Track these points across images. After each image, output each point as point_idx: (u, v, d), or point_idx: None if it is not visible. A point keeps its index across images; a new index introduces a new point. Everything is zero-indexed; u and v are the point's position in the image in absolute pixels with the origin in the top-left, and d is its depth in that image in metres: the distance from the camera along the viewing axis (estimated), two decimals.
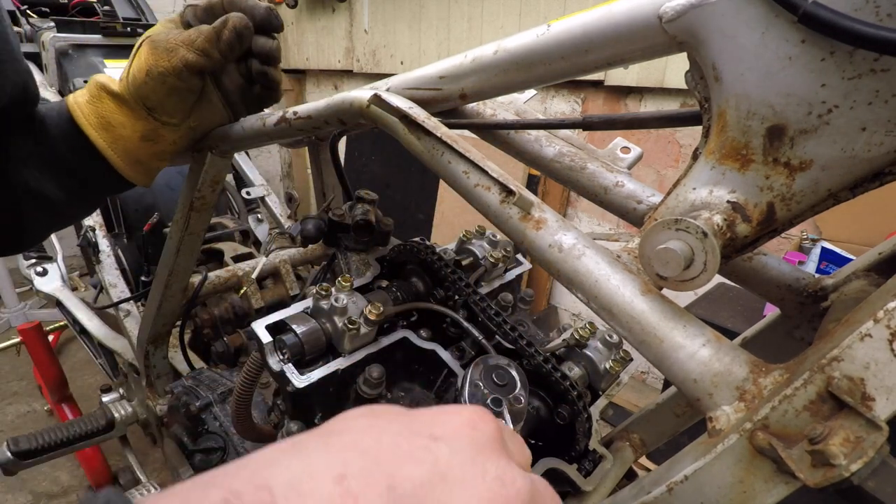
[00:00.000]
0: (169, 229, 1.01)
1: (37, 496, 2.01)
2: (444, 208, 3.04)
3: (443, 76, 0.59)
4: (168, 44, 0.67)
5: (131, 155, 0.74)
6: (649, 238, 0.40)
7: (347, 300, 0.57)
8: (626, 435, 0.69)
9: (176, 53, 0.67)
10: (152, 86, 0.69)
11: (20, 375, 2.69)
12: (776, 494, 0.32)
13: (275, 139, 0.85)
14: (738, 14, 0.37)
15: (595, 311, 0.44)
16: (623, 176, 0.65)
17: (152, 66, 0.67)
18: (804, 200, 0.40)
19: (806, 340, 0.60)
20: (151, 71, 0.68)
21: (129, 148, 0.73)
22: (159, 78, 0.68)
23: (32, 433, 1.31)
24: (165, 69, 0.67)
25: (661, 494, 0.37)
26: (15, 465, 1.26)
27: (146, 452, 2.09)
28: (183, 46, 0.67)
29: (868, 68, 0.34)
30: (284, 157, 4.44)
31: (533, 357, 0.57)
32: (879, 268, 0.54)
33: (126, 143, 0.73)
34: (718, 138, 0.41)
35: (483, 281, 0.76)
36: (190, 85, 0.70)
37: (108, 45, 1.91)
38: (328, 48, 3.67)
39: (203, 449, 0.84)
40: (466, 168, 0.52)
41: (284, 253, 1.50)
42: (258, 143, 0.85)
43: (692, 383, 0.38)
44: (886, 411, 0.30)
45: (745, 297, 1.76)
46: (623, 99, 2.38)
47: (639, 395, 2.33)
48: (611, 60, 0.47)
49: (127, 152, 0.74)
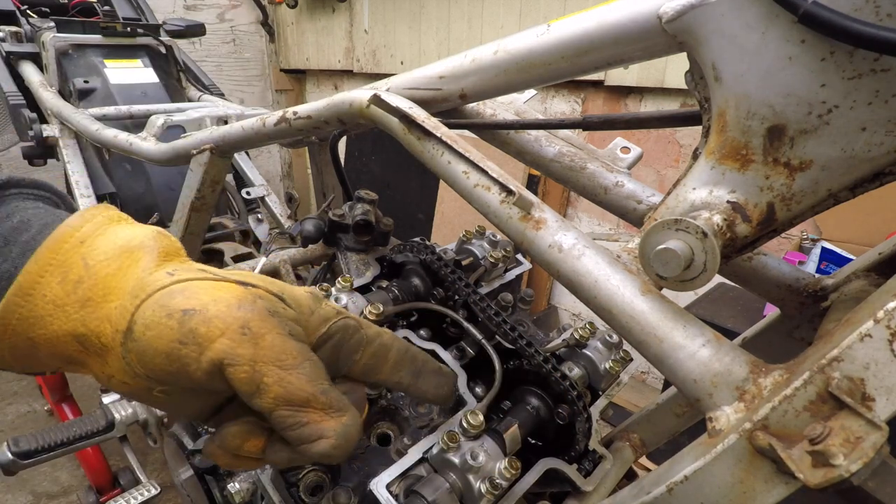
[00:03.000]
0: (169, 229, 1.01)
1: (37, 496, 2.01)
2: (444, 208, 3.04)
3: (443, 76, 0.59)
4: (278, 359, 0.34)
5: (36, 344, 0.35)
6: (649, 238, 0.40)
7: (347, 300, 0.57)
8: (626, 435, 0.69)
9: (268, 390, 0.34)
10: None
11: (20, 375, 2.69)
12: (776, 495, 0.32)
13: (275, 139, 0.85)
14: (738, 14, 0.37)
15: (595, 311, 0.44)
16: (623, 176, 0.65)
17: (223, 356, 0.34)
18: (804, 200, 0.40)
19: (806, 340, 0.60)
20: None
21: (47, 336, 0.35)
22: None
23: (33, 433, 1.31)
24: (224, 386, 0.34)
25: (661, 494, 0.37)
26: (15, 465, 1.26)
27: (146, 452, 2.09)
28: (280, 391, 0.34)
29: (868, 68, 0.34)
30: (284, 157, 4.44)
31: (533, 357, 0.57)
32: (879, 268, 0.54)
33: (48, 329, 0.35)
34: (718, 138, 0.41)
35: (483, 281, 0.76)
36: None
37: (108, 45, 1.91)
38: (328, 48, 3.67)
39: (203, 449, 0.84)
40: (466, 168, 0.52)
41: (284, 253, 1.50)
42: (258, 144, 0.85)
43: (692, 383, 0.38)
44: (886, 411, 0.30)
45: (745, 297, 1.76)
46: (623, 99, 2.38)
47: (639, 395, 2.33)
48: (611, 60, 0.47)
49: (34, 337, 0.35)
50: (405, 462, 0.50)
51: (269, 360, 0.33)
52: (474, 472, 0.48)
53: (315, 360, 0.36)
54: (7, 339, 0.35)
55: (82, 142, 1.71)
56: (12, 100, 1.75)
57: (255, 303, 0.35)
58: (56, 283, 0.34)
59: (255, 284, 0.37)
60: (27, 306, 0.34)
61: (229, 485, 0.62)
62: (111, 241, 0.37)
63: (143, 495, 1.52)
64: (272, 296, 0.37)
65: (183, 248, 0.40)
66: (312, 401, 0.34)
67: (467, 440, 0.50)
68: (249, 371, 0.33)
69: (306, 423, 0.34)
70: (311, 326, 0.39)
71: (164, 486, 1.70)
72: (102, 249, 0.36)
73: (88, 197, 1.62)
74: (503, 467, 0.48)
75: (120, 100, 1.77)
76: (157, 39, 2.00)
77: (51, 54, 1.80)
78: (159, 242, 0.38)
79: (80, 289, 0.35)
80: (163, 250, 0.37)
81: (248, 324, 0.34)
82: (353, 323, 0.41)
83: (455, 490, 0.48)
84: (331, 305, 0.41)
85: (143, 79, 1.91)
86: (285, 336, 0.35)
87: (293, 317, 0.37)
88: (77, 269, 0.35)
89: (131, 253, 0.36)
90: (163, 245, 0.38)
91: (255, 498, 0.69)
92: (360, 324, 0.42)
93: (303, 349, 0.35)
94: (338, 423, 0.35)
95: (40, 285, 0.34)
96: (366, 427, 0.59)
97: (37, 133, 1.67)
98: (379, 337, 0.43)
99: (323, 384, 0.35)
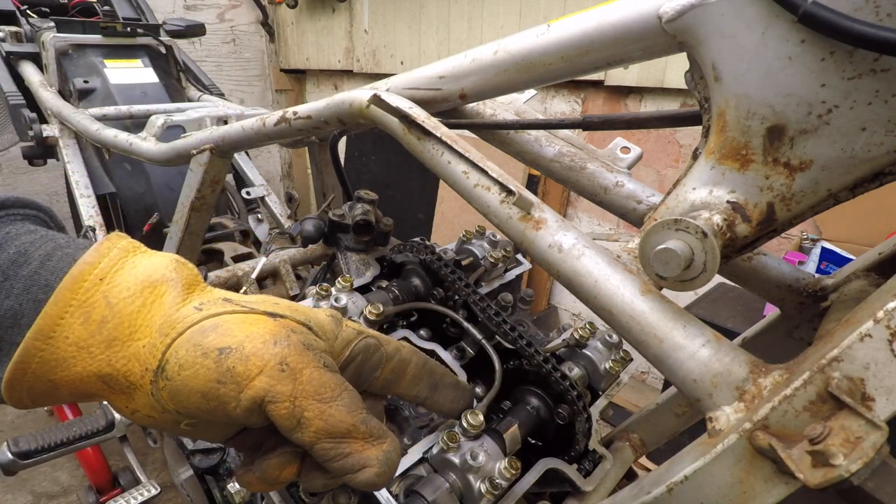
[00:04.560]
0: (169, 229, 1.01)
1: (37, 496, 2.01)
2: (444, 208, 3.04)
3: (443, 76, 0.59)
4: (318, 392, 0.34)
5: (61, 376, 0.34)
6: (649, 238, 0.40)
7: (347, 300, 0.57)
8: (626, 435, 0.69)
9: (309, 424, 0.33)
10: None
11: None
12: (776, 495, 0.32)
13: (275, 139, 0.85)
14: (738, 14, 0.37)
15: (595, 311, 0.44)
16: (623, 176, 0.65)
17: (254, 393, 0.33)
18: (804, 200, 0.40)
19: (806, 340, 0.60)
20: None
21: (70, 378, 0.34)
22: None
23: (32, 433, 1.31)
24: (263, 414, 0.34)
25: (661, 494, 0.37)
26: (15, 465, 1.26)
27: (146, 452, 2.09)
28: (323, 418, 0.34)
29: (868, 68, 0.34)
30: (284, 157, 4.44)
31: (533, 357, 0.57)
32: (879, 268, 0.54)
33: (71, 371, 0.34)
34: (718, 138, 0.41)
35: (483, 281, 0.76)
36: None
37: (108, 45, 1.91)
38: (328, 48, 3.67)
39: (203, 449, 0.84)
40: (466, 168, 0.52)
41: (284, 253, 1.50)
42: (258, 144, 0.85)
43: (692, 383, 0.38)
44: (886, 411, 0.30)
45: (745, 297, 1.76)
46: (623, 99, 2.38)
47: (639, 395, 2.33)
48: (611, 60, 0.47)
49: (56, 371, 0.34)
50: (405, 462, 0.50)
51: (309, 395, 0.33)
52: (474, 472, 0.48)
53: (351, 390, 0.36)
54: (26, 383, 0.34)
55: (82, 142, 1.71)
56: (12, 100, 1.75)
57: (289, 337, 0.35)
58: (78, 325, 0.33)
59: (283, 315, 0.37)
60: (48, 349, 0.33)
61: (229, 485, 0.62)
62: (132, 276, 0.35)
63: (143, 495, 1.52)
64: (302, 326, 0.37)
65: (200, 275, 0.39)
66: (353, 431, 0.34)
67: (467, 440, 0.50)
68: (290, 407, 0.33)
69: (349, 453, 0.34)
70: (336, 351, 0.39)
71: (164, 486, 1.70)
72: (125, 286, 0.35)
73: (88, 197, 1.62)
74: (503, 467, 0.48)
75: (120, 100, 1.77)
76: (157, 39, 2.00)
77: (51, 54, 1.80)
78: (181, 274, 0.37)
79: (105, 329, 0.34)
80: (185, 281, 0.37)
81: (285, 360, 0.33)
82: (373, 342, 0.41)
83: (455, 490, 0.48)
84: (351, 326, 0.41)
85: (143, 79, 1.91)
86: (322, 369, 0.35)
87: (324, 348, 0.37)
88: (100, 308, 0.34)
89: (154, 287, 0.35)
90: (184, 276, 0.37)
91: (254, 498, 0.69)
92: (379, 341, 0.42)
93: (339, 380, 0.35)
94: (379, 450, 0.35)
95: (61, 327, 0.33)
96: None
97: (37, 133, 1.67)
98: (398, 352, 0.43)
99: (362, 413, 0.35)
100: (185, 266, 0.38)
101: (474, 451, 0.49)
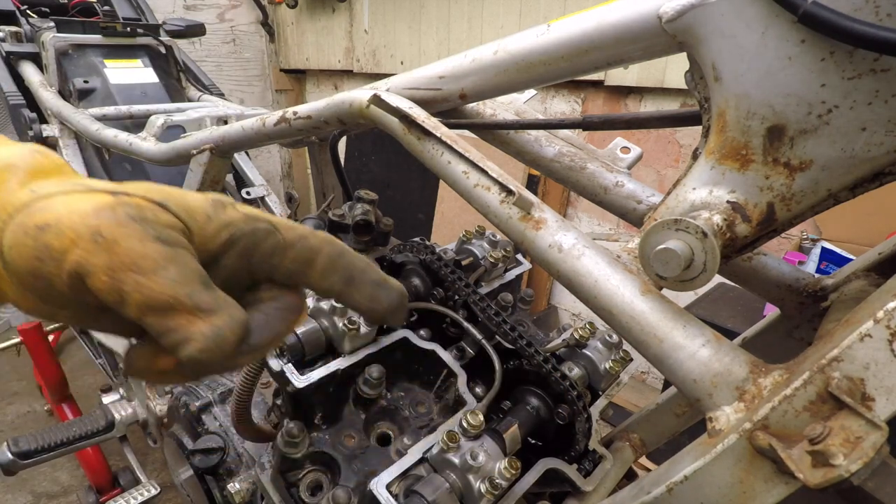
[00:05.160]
0: None
1: (37, 496, 2.01)
2: (444, 208, 3.04)
3: (443, 76, 0.59)
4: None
5: None
6: (649, 238, 0.39)
7: None
8: (626, 435, 0.69)
9: (129, 298, 0.32)
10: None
11: (20, 375, 2.69)
12: (776, 494, 0.32)
13: (275, 139, 0.85)
14: (738, 14, 0.37)
15: (595, 311, 0.44)
16: (623, 176, 0.65)
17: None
18: (804, 200, 0.40)
19: (806, 340, 0.60)
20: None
21: None
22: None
23: (32, 433, 1.31)
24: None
25: (661, 494, 0.37)
26: (15, 465, 1.26)
27: (146, 452, 2.09)
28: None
29: (868, 68, 0.34)
30: (284, 157, 4.44)
31: (533, 357, 0.57)
32: (879, 268, 0.54)
33: None
34: (718, 138, 0.41)
35: (483, 281, 0.76)
36: None
37: (107, 45, 1.91)
38: (328, 48, 3.67)
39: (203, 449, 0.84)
40: (466, 168, 0.52)
41: None
42: (258, 144, 0.85)
43: (692, 383, 0.38)
44: (886, 411, 0.30)
45: (745, 297, 1.76)
46: (623, 99, 2.38)
47: (639, 395, 2.33)
48: (611, 60, 0.47)
49: None
50: (405, 462, 0.50)
51: (126, 267, 0.31)
52: (474, 472, 0.48)
53: (184, 264, 0.33)
54: None
55: (82, 142, 1.71)
56: (12, 100, 1.75)
57: (114, 209, 0.33)
58: None
59: (129, 193, 0.34)
60: None
61: (229, 485, 0.63)
62: None
63: (143, 495, 1.52)
64: (149, 203, 0.34)
65: (68, 166, 0.37)
66: (176, 304, 0.32)
67: (467, 440, 0.50)
68: (108, 280, 0.31)
69: (174, 328, 0.32)
70: (209, 233, 0.36)
71: (164, 486, 1.70)
72: None
73: None
74: (503, 467, 0.48)
75: (120, 100, 1.77)
76: (157, 39, 2.00)
77: (51, 54, 1.80)
78: (28, 161, 0.35)
79: None
80: (33, 169, 0.35)
81: (100, 231, 0.31)
82: (264, 226, 0.38)
83: (455, 490, 0.48)
84: (241, 211, 0.38)
85: (143, 79, 1.91)
86: (147, 241, 0.32)
87: (168, 222, 0.34)
88: None
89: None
90: (32, 163, 0.35)
91: (254, 498, 0.69)
92: (276, 227, 0.39)
93: (167, 252, 0.33)
94: (206, 325, 0.33)
95: None
96: (366, 427, 0.59)
97: (37, 133, 1.67)
98: (303, 240, 0.40)
99: (191, 287, 0.33)
100: (41, 154, 0.37)
101: (474, 451, 0.49)
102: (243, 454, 0.83)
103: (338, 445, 0.56)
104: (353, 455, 0.56)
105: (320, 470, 0.56)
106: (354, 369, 0.57)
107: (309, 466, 0.56)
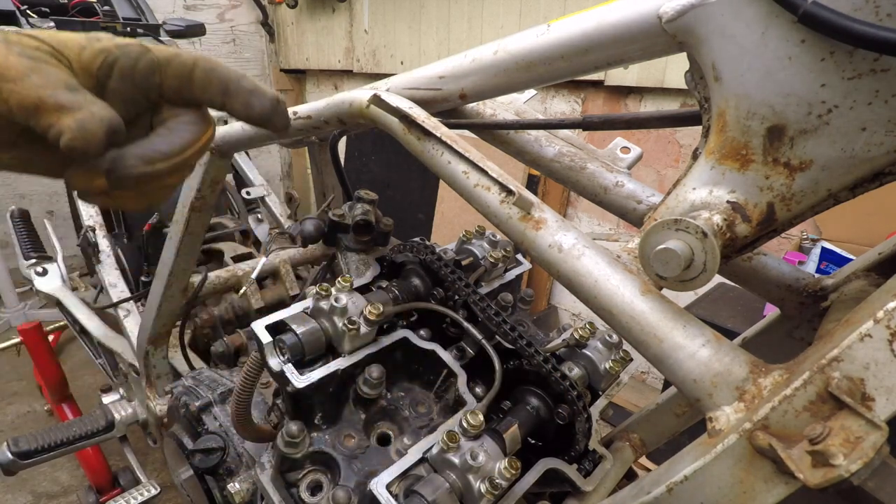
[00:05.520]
0: (169, 229, 1.01)
1: (37, 496, 2.01)
2: (444, 208, 3.04)
3: (443, 76, 0.59)
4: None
5: None
6: (649, 238, 0.40)
7: (347, 300, 0.57)
8: (626, 435, 0.69)
9: (6, 104, 0.38)
10: None
11: (20, 375, 2.69)
12: (776, 494, 0.32)
13: (275, 139, 0.85)
14: (738, 14, 0.37)
15: (595, 311, 0.44)
16: (623, 176, 0.65)
17: None
18: (804, 200, 0.40)
19: (806, 340, 0.60)
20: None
21: None
22: None
23: (32, 433, 1.31)
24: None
25: (661, 494, 0.37)
26: (15, 465, 1.26)
27: (146, 452, 2.08)
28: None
29: (868, 68, 0.34)
30: (284, 157, 4.44)
31: (533, 357, 0.57)
32: (879, 268, 0.54)
33: None
34: (718, 138, 0.41)
35: (483, 281, 0.76)
36: None
37: None
38: (328, 48, 3.67)
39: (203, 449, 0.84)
40: (466, 168, 0.52)
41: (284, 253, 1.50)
42: (258, 143, 0.85)
43: (692, 383, 0.38)
44: (886, 411, 0.30)
45: (745, 297, 1.76)
46: (623, 99, 2.38)
47: (639, 395, 2.33)
48: (611, 60, 0.47)
49: None
50: (405, 462, 0.50)
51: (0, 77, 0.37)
52: (474, 472, 0.48)
53: (47, 73, 0.38)
54: None
55: None
56: None
57: None
58: None
59: (7, 32, 0.40)
60: None
61: (229, 485, 0.63)
62: None
63: (143, 495, 1.52)
64: (25, 37, 0.40)
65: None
66: (40, 104, 0.37)
67: (467, 440, 0.49)
68: None
69: (50, 124, 0.37)
70: (85, 59, 0.41)
71: (164, 486, 1.70)
72: None
73: None
74: (503, 467, 0.48)
75: None
76: (157, 39, 2.00)
77: None
78: None
79: None
80: None
81: None
82: (136, 48, 0.42)
83: (455, 490, 0.48)
84: (115, 41, 0.43)
85: None
86: (11, 55, 0.37)
87: (33, 45, 0.40)
88: None
89: None
90: None
91: (254, 498, 0.69)
92: (148, 48, 0.43)
93: (29, 64, 0.38)
94: (71, 118, 0.37)
95: None
96: (366, 427, 0.59)
97: None
98: (176, 57, 0.44)
99: (53, 89, 0.37)
100: None
101: (474, 451, 0.49)
102: (243, 454, 0.83)
103: (338, 445, 0.56)
104: (353, 455, 0.56)
105: (320, 470, 0.56)
106: (354, 369, 0.57)
107: (309, 466, 0.56)
